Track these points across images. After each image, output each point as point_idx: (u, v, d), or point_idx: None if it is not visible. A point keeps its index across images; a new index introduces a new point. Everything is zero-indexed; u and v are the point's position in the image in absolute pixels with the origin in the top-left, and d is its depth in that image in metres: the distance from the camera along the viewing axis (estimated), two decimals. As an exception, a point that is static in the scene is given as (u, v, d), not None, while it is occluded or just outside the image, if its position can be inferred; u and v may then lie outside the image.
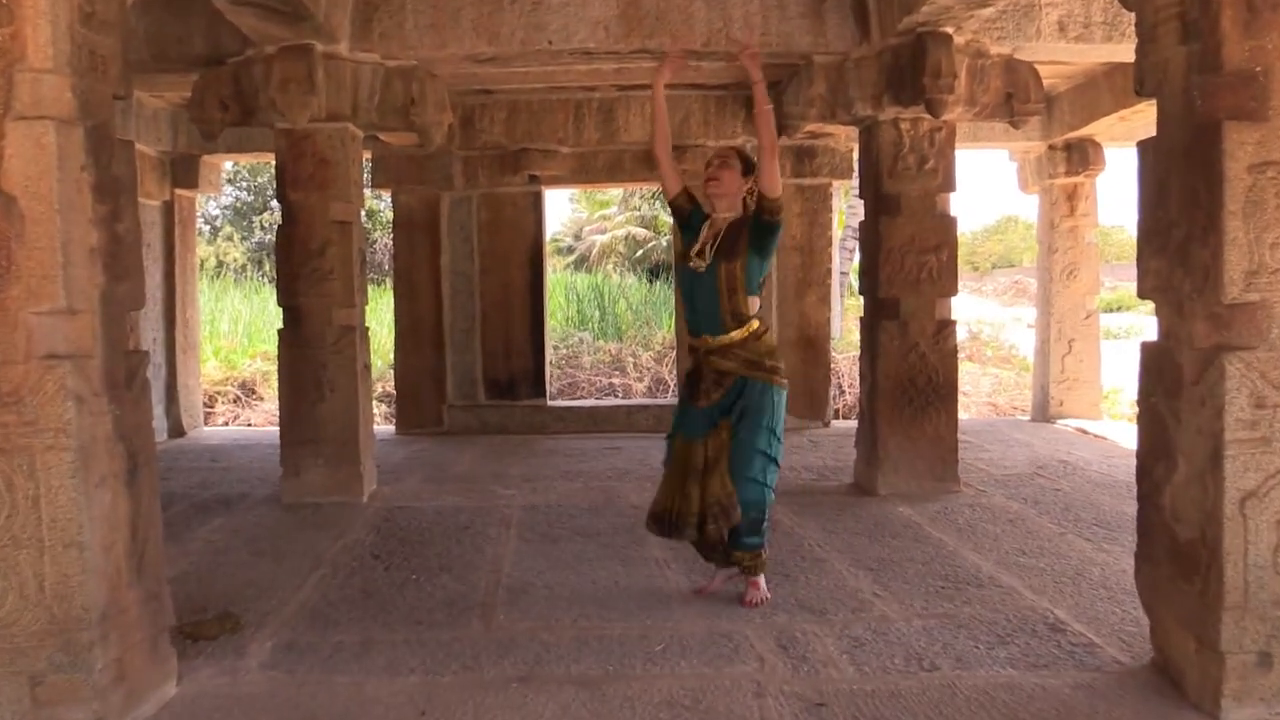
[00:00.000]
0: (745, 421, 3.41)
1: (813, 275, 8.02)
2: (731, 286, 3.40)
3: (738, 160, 3.56)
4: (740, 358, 3.45)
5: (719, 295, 3.42)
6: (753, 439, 3.40)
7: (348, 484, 5.40)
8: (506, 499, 5.46)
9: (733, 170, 3.53)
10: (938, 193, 5.45)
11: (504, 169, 7.89)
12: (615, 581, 3.84)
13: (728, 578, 3.68)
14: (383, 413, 10.56)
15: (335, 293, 5.36)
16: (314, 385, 5.36)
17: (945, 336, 5.45)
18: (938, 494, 5.36)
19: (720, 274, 3.40)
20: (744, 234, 3.43)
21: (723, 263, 3.41)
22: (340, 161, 5.37)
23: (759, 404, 3.44)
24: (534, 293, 8.10)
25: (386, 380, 10.89)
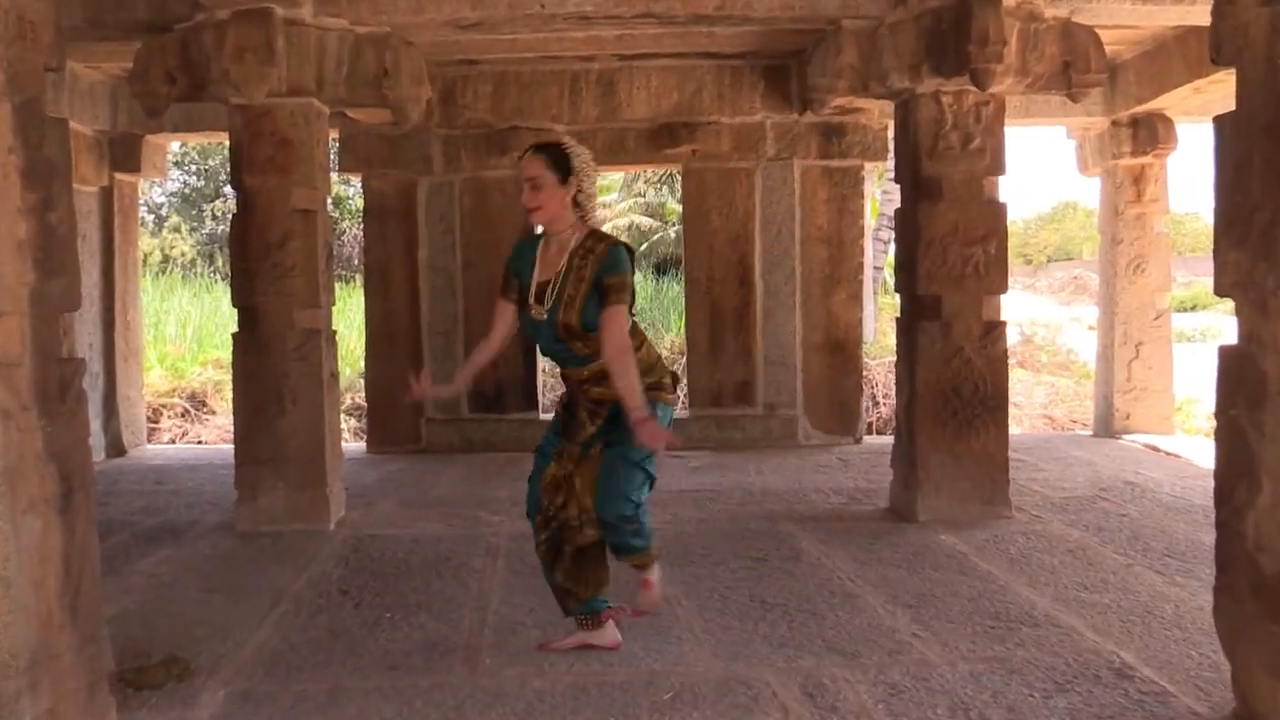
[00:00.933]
0: (624, 443, 3.28)
1: (841, 270, 8.02)
2: (572, 334, 3.29)
3: (548, 166, 3.38)
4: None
5: (566, 342, 3.32)
6: (628, 454, 3.28)
7: (312, 509, 5.40)
8: (493, 526, 5.46)
9: (548, 183, 3.37)
10: (985, 175, 5.45)
11: (490, 150, 7.91)
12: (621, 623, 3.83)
13: (588, 644, 3.51)
14: (352, 428, 10.57)
15: (298, 291, 5.37)
16: (273, 397, 5.37)
17: (994, 340, 5.44)
18: (986, 520, 5.34)
19: (559, 324, 3.29)
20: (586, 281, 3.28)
21: (560, 313, 3.29)
22: (303, 142, 5.38)
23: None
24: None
25: (356, 391, 10.90)
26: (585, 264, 3.32)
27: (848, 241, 8.04)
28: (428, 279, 8.04)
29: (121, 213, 8.22)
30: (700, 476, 6.77)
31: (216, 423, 10.70)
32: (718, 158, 7.90)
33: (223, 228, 24.07)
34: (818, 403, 8.03)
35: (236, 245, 5.41)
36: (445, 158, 7.95)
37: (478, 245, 8.00)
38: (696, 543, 5.00)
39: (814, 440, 8.00)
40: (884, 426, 10.38)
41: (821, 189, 7.98)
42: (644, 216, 24.00)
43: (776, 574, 4.45)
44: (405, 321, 8.04)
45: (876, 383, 10.94)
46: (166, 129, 7.88)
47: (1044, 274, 41.21)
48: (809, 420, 8.01)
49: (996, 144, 5.45)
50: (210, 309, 14.98)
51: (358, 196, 22.14)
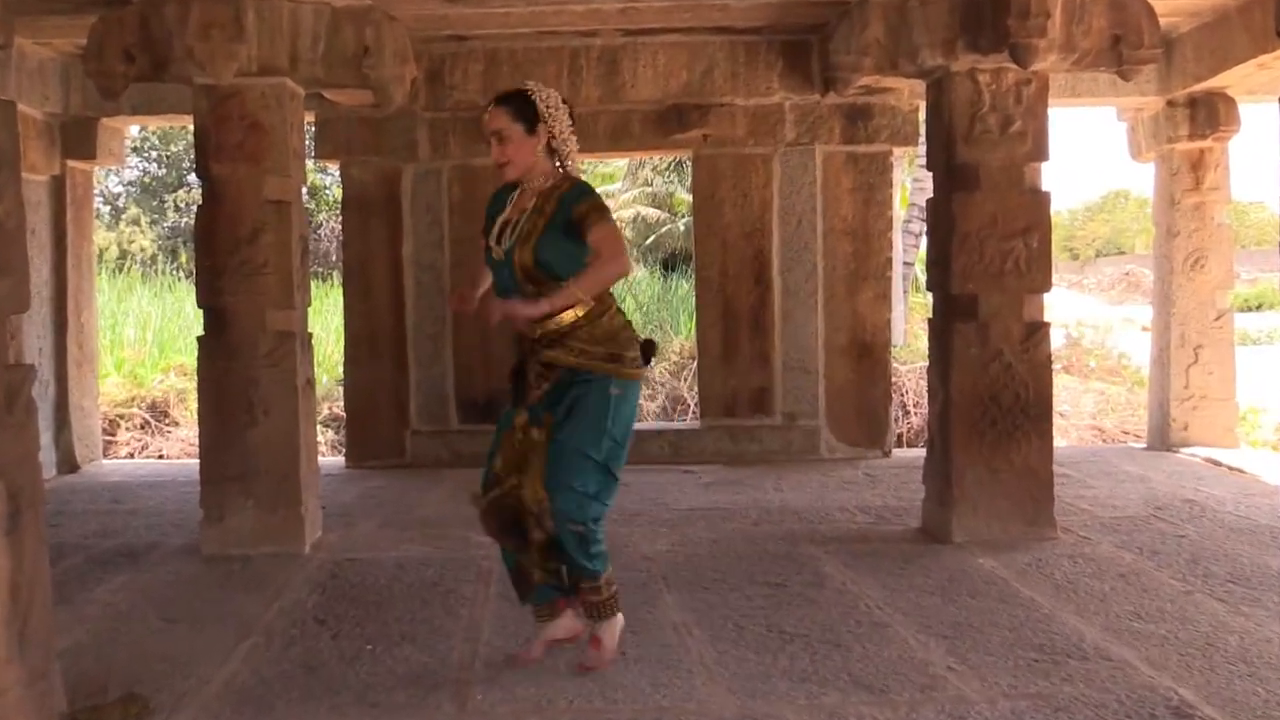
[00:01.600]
0: (571, 419, 3.41)
1: (868, 266, 8.01)
2: (529, 276, 3.42)
3: (513, 118, 3.50)
4: (573, 347, 3.44)
5: (522, 286, 3.44)
6: (573, 439, 3.40)
7: (285, 530, 5.41)
8: (485, 548, 5.44)
9: (515, 134, 3.51)
10: (1026, 162, 5.45)
11: (481, 135, 7.88)
12: (623, 651, 3.83)
13: (551, 640, 3.67)
14: (330, 440, 10.58)
15: (269, 290, 5.38)
16: (243, 407, 5.37)
17: (1036, 343, 5.44)
18: (1028, 541, 5.33)
19: (515, 264, 3.44)
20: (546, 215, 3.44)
21: (516, 250, 3.44)
22: (275, 126, 5.40)
23: (589, 400, 3.43)
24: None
25: (334, 400, 10.91)
26: (548, 201, 3.47)
27: (875, 234, 8.04)
28: (413, 277, 8.04)
29: (75, 204, 8.24)
30: (712, 493, 6.77)
31: (179, 435, 10.72)
32: (731, 143, 7.91)
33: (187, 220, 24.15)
34: (842, 412, 8.03)
35: (202, 240, 5.42)
36: (432, 143, 7.97)
37: (468, 240, 7.99)
38: (708, 566, 5.00)
39: (838, 453, 7.99)
40: (915, 438, 10.36)
41: (846, 177, 7.98)
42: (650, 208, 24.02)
43: (797, 601, 4.44)
44: (388, 324, 8.05)
45: (907, 390, 10.92)
46: (124, 112, 7.89)
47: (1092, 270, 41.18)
48: (832, 431, 8.00)
49: (1039, 127, 5.45)
50: (173, 310, 15.01)
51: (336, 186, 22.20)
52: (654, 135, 7.97)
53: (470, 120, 7.91)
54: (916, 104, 7.82)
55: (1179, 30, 7.54)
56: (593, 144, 8.01)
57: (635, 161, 23.79)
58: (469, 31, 7.36)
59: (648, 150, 8.93)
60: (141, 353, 12.72)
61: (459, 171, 8.02)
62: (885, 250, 8.12)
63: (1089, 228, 53.46)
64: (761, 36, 7.66)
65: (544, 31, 7.38)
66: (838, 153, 7.96)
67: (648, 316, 14.09)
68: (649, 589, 4.61)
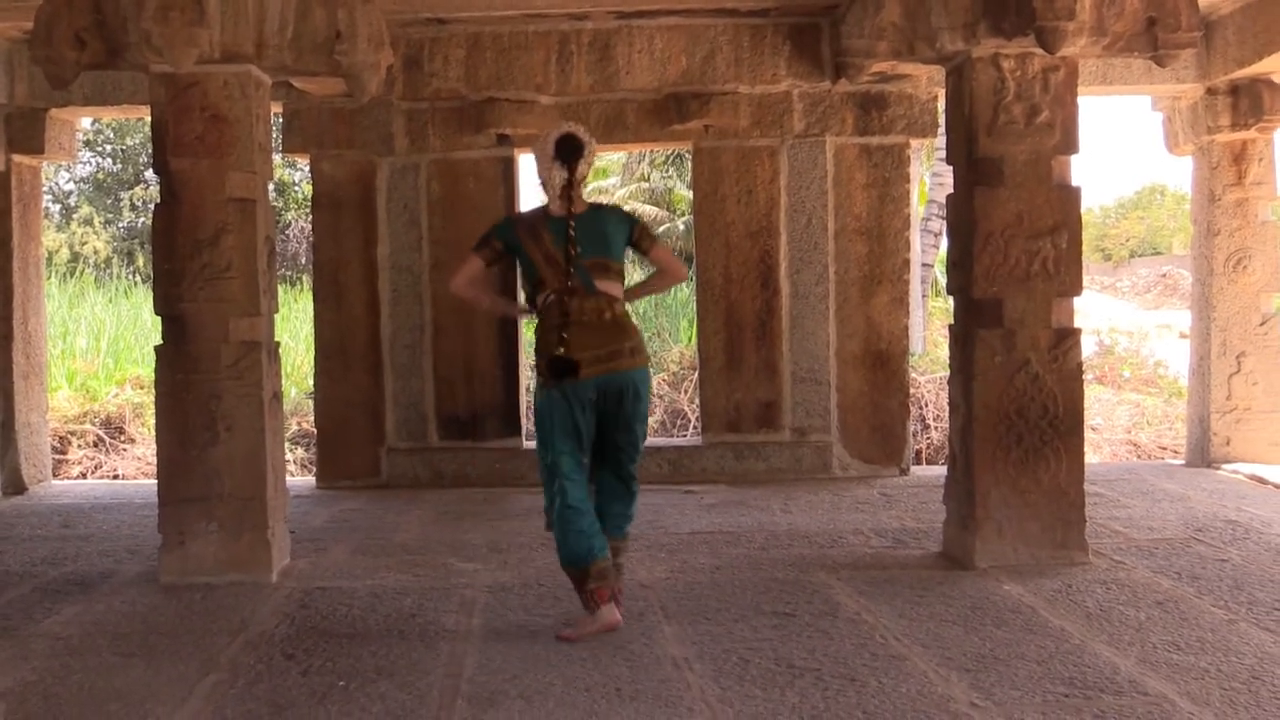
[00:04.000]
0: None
1: (883, 268, 8.03)
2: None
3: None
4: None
5: None
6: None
7: (251, 557, 5.40)
8: (468, 576, 5.46)
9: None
10: (1054, 154, 5.46)
11: (463, 126, 7.94)
12: (616, 688, 3.83)
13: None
14: (299, 459, 10.58)
15: (234, 296, 5.38)
16: (204, 423, 5.37)
17: (1066, 351, 5.44)
18: (1058, 566, 5.33)
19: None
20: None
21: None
22: (240, 118, 5.40)
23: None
24: (504, 294, 8.12)
25: (303, 415, 10.91)
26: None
27: (891, 234, 8.06)
28: (389, 281, 8.06)
29: (21, 202, 8.24)
30: (715, 515, 6.77)
31: (136, 454, 10.71)
32: (735, 134, 7.93)
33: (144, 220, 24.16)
34: (856, 427, 8.04)
35: (160, 241, 5.41)
36: (409, 136, 7.99)
37: (449, 241, 8.02)
38: (711, 595, 5.00)
39: (851, 471, 8.00)
40: (935, 455, 10.38)
41: (859, 171, 8.00)
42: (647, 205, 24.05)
43: (807, 632, 4.44)
44: (362, 332, 8.06)
45: (926, 403, 10.94)
46: (75, 102, 7.90)
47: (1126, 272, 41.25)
48: (845, 448, 8.01)
49: (1068, 117, 5.47)
50: (129, 318, 15.01)
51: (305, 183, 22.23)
52: (651, 127, 7.99)
53: (451, 110, 7.94)
54: (935, 92, 7.85)
55: (1220, 12, 7.57)
56: (584, 136, 8.03)
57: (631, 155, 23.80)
58: (449, 14, 7.37)
59: (644, 143, 8.93)
60: (95, 364, 12.71)
61: (439, 166, 8.03)
62: (902, 251, 8.13)
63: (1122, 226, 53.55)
64: (767, 19, 7.68)
65: (531, 14, 7.40)
66: (850, 145, 7.99)
67: (644, 323, 14.09)
68: (646, 619, 4.60)
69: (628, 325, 4.45)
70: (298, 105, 7.83)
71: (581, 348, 4.29)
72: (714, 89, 7.75)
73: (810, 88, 7.88)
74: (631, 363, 4.38)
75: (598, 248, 4.41)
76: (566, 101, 7.92)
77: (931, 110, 8.00)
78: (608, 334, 4.35)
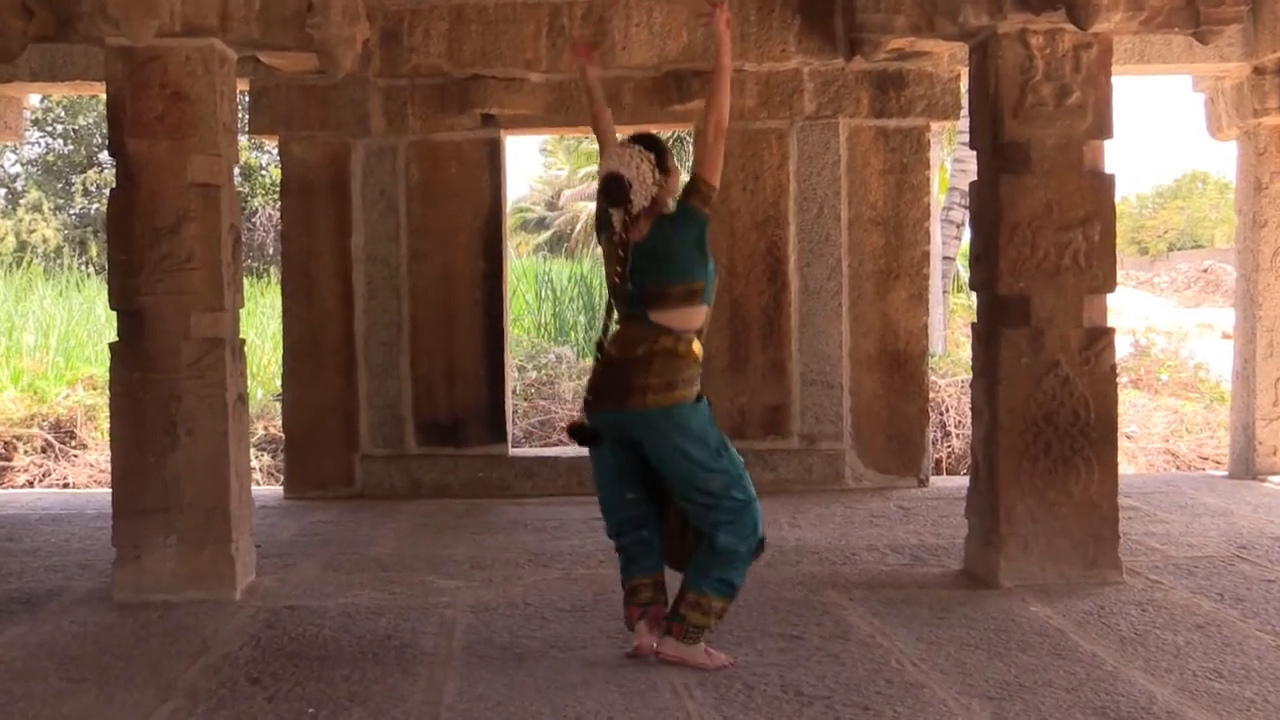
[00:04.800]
0: None
1: (901, 262, 8.03)
2: None
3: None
4: None
5: None
6: None
7: (213, 573, 5.39)
8: (449, 595, 5.45)
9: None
10: (1086, 139, 5.46)
11: (446, 106, 7.93)
12: (610, 717, 3.83)
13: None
14: (265, 466, 10.56)
15: (196, 289, 5.37)
16: (163, 427, 5.36)
17: (1098, 352, 5.44)
18: (1089, 586, 5.33)
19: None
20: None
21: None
22: (203, 96, 5.39)
23: None
24: (489, 288, 8.13)
25: (270, 419, 10.90)
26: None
27: (909, 224, 8.06)
28: (364, 273, 8.05)
29: (-34, 187, 8.23)
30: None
31: (88, 460, 10.70)
32: (740, 116, 7.92)
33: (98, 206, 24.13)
34: (871, 434, 8.04)
35: (116, 229, 5.40)
36: (387, 116, 7.98)
37: (428, 230, 8.02)
38: (713, 616, 4.99)
39: (865, 482, 8.00)
40: (957, 465, 10.37)
41: (875, 156, 8.00)
42: (645, 192, 24.09)
43: (817, 656, 4.44)
44: (335, 329, 8.05)
45: (947, 408, 10.94)
46: (22, 78, 7.88)
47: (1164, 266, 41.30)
48: (859, 456, 8.01)
49: (1101, 99, 5.47)
50: (81, 312, 14.99)
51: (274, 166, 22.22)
52: (649, 107, 7.99)
53: (433, 89, 7.93)
54: (958, 71, 7.84)
55: (1267, -16, 7.57)
56: (577, 116, 8.04)
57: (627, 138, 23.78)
58: (431, -15, 7.37)
59: (641, 124, 8.91)
60: (43, 363, 12.68)
61: (419, 149, 8.02)
62: (921, 243, 8.13)
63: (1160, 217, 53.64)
64: (777, -9, 7.70)
65: (520, -15, 7.41)
66: (865, 128, 7.99)
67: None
68: (642, 642, 4.61)
69: (659, 362, 4.30)
70: (266, 82, 7.82)
71: (597, 383, 4.42)
72: (717, 67, 7.74)
73: (822, 65, 7.88)
74: (640, 401, 4.26)
75: (655, 273, 4.33)
76: (558, 79, 7.91)
77: (953, 90, 8.00)
78: (629, 370, 4.30)
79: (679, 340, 4.34)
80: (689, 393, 4.33)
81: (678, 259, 4.33)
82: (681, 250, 4.33)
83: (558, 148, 40.52)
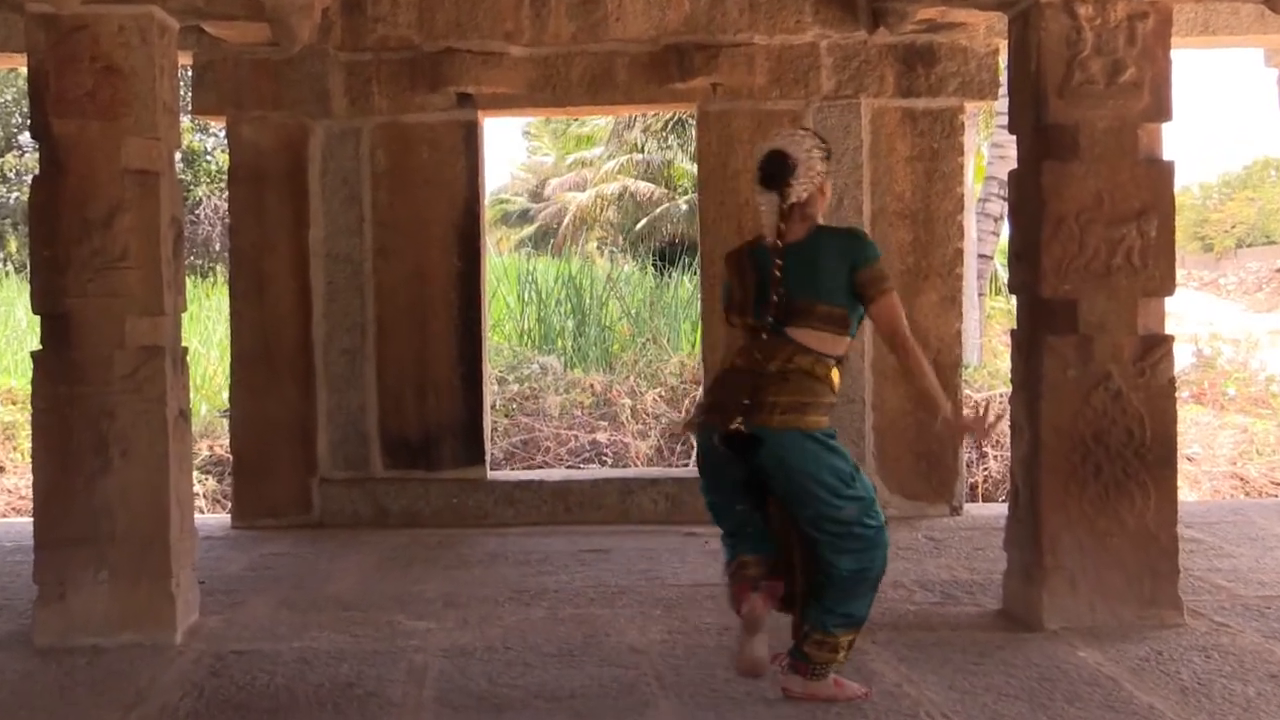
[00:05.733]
0: None
1: (931, 260, 8.03)
2: None
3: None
4: None
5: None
6: None
7: (149, 613, 5.38)
8: (418, 637, 5.44)
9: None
10: (1142, 121, 5.47)
11: (416, 83, 7.93)
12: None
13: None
14: (211, 491, 10.55)
15: (131, 290, 5.37)
16: (93, 446, 5.35)
17: (1156, 363, 5.44)
18: (1145, 628, 5.33)
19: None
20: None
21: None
22: (140, 71, 5.39)
23: None
24: (465, 289, 8.12)
25: (216, 437, 10.89)
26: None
27: (940, 218, 8.06)
28: (323, 272, 8.05)
29: None
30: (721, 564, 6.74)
31: (6, 485, 10.68)
32: (749, 95, 7.93)
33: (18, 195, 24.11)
34: (896, 454, 8.04)
35: (40, 222, 5.40)
36: (349, 95, 7.98)
37: (397, 224, 8.02)
38: (718, 662, 4.99)
39: (891, 510, 7.95)
40: (995, 490, 10.36)
41: (902, 141, 8.00)
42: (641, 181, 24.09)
43: (837, 707, 4.44)
44: (290, 334, 8.05)
45: (984, 425, 10.93)
46: (-66, 50, 7.90)
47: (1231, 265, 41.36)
48: (884, 480, 7.99)
49: (1158, 75, 5.47)
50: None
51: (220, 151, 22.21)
52: (646, 85, 7.99)
53: (401, 63, 7.92)
54: (995, 44, 7.85)
55: (1347, -54, 7.59)
56: (565, 96, 8.05)
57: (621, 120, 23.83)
58: (400, -54, 7.38)
59: (638, 105, 8.94)
60: (-45, 374, 12.69)
61: (385, 132, 8.02)
62: (954, 239, 8.13)
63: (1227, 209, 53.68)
64: (790, -48, 7.71)
65: (500, -55, 7.41)
66: (891, 109, 7.99)
67: (638, 325, 14.10)
68: (638, 693, 4.59)
69: (796, 380, 4.32)
70: (212, 56, 7.81)
71: (716, 394, 4.50)
72: (724, 39, 7.75)
73: (842, 38, 7.89)
74: (768, 420, 4.26)
75: (804, 286, 4.35)
76: (543, 54, 7.91)
77: (990, 67, 8.00)
78: (758, 383, 4.31)
79: (817, 362, 4.35)
80: (822, 419, 4.36)
81: (830, 276, 4.35)
82: (834, 270, 4.35)
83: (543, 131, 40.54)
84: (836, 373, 4.40)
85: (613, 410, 11.46)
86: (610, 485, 8.23)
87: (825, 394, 4.36)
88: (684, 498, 8.03)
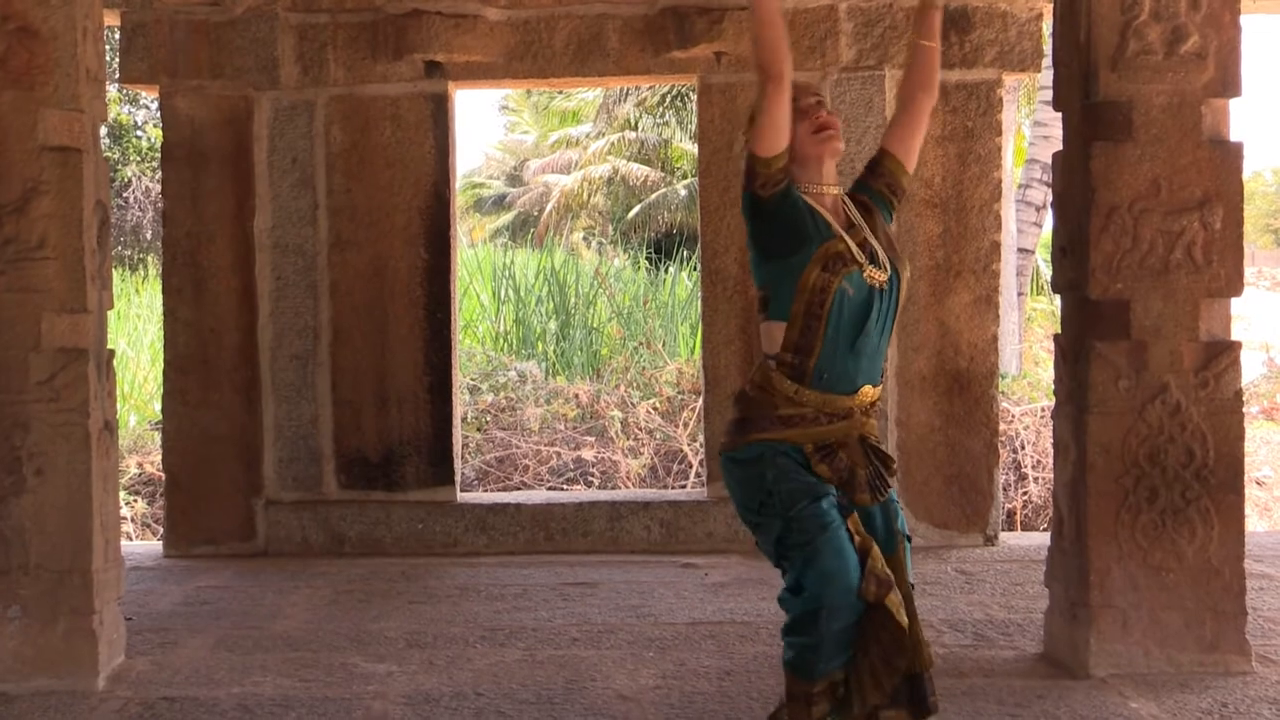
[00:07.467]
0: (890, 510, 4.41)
1: (964, 255, 8.04)
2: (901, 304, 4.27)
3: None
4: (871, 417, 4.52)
5: (892, 321, 4.27)
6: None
7: (68, 655, 5.37)
8: (377, 682, 5.44)
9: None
10: (1206, 97, 5.47)
11: (377, 50, 7.93)
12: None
13: None
14: (140, 515, 10.54)
15: (49, 284, 5.37)
16: (4, 464, 5.35)
17: (1219, 373, 5.44)
18: (1206, 677, 5.32)
19: (901, 287, 4.23)
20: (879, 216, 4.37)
21: (901, 268, 4.25)
22: (60, 33, 5.39)
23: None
24: (433, 286, 8.12)
25: (147, 452, 10.88)
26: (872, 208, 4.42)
27: (974, 207, 8.08)
28: (271, 265, 8.05)
29: None
30: (724, 599, 6.76)
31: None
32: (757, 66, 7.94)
33: (-74, 177, 24.03)
34: (925, 476, 8.04)
35: (-54, 206, 5.41)
36: (301, 63, 7.98)
37: (356, 211, 8.01)
38: (719, 711, 5.00)
39: (917, 539, 7.97)
40: (1035, 517, 10.38)
41: (931, 119, 7.97)
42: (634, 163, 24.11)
43: (853, 767, 4.44)
44: (232, 337, 8.05)
45: (1023, 444, 10.94)
46: None
47: (1306, 262, 41.42)
48: (909, 505, 7.99)
49: (1226, 45, 5.47)
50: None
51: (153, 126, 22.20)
52: (640, 54, 8.00)
53: (360, 27, 7.93)
54: (1039, 9, 7.87)
55: None
56: (547, 66, 8.05)
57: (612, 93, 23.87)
58: (359, -107, 7.39)
59: (630, 76, 8.93)
60: None
61: (342, 105, 8.03)
62: (990, 231, 8.14)
63: (1302, 198, 53.85)
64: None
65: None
66: (918, 82, 8.01)
67: (629, 327, 14.10)
68: (626, 746, 4.60)
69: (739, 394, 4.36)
70: (143, 17, 7.82)
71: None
72: (729, 2, 7.75)
73: (864, 2, 7.90)
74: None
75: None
76: (523, 16, 7.92)
77: (1033, 34, 8.01)
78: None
79: (760, 366, 4.31)
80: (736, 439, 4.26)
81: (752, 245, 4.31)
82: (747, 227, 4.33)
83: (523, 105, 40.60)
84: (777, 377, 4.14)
85: (600, 424, 11.46)
86: (597, 509, 8.23)
87: (743, 407, 4.25)
88: (679, 523, 8.04)
